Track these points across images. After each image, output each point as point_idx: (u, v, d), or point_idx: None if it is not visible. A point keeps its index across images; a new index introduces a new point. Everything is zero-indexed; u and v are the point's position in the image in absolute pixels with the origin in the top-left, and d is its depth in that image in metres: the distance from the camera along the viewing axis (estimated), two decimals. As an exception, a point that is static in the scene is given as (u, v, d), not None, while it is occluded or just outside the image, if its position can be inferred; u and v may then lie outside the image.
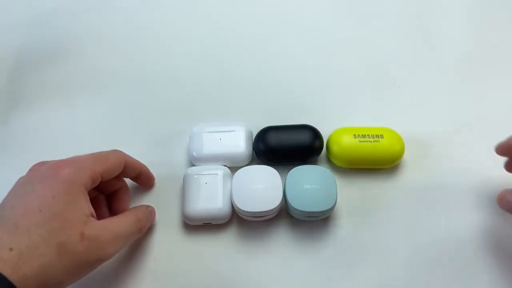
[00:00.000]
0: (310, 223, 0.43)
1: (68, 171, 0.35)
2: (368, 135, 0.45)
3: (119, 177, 0.42)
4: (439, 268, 0.42)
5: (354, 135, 0.45)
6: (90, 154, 0.39)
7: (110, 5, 0.59)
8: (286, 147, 0.45)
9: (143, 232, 0.41)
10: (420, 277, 0.41)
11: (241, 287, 0.41)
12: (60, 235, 0.32)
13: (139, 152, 0.48)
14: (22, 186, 0.35)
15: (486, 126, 0.49)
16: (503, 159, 0.47)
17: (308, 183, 0.41)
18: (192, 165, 0.46)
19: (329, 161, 0.47)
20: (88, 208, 0.35)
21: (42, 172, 0.35)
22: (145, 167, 0.44)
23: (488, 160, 0.47)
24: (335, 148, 0.45)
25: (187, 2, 0.59)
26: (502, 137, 0.48)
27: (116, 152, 0.41)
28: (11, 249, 0.30)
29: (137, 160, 0.43)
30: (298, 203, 0.41)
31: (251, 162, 0.46)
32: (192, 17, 0.57)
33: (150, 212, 0.43)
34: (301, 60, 0.54)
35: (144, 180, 0.45)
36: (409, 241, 0.43)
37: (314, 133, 0.45)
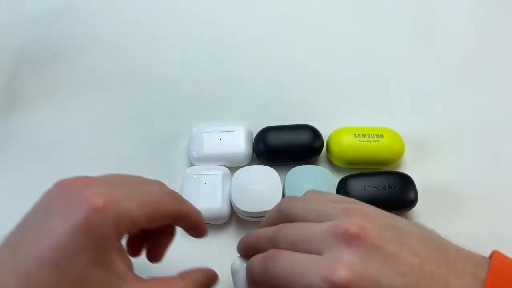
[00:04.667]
0: (310, 223, 0.43)
1: (101, 218, 0.24)
2: (368, 135, 0.45)
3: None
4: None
5: (354, 135, 0.45)
6: (139, 185, 0.29)
7: (110, 5, 0.59)
8: (286, 147, 0.45)
9: None
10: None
11: (241, 287, 0.41)
12: None
13: (139, 152, 0.48)
14: (34, 222, 0.25)
15: (486, 126, 0.49)
16: (504, 160, 0.47)
17: (308, 183, 0.41)
18: (192, 165, 0.46)
19: (329, 161, 0.47)
20: (122, 265, 0.26)
21: (64, 204, 0.25)
22: (202, 218, 0.33)
23: (489, 160, 0.47)
24: (335, 148, 0.45)
25: (187, 2, 0.59)
26: (502, 137, 0.48)
27: (173, 196, 0.31)
28: None
29: (195, 208, 0.33)
30: (298, 203, 0.41)
31: (251, 162, 0.46)
32: (192, 17, 0.57)
33: (208, 284, 0.31)
34: (301, 60, 0.54)
35: (195, 232, 0.34)
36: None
37: (314, 133, 0.45)
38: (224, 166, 0.45)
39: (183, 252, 0.43)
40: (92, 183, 0.26)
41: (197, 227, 0.33)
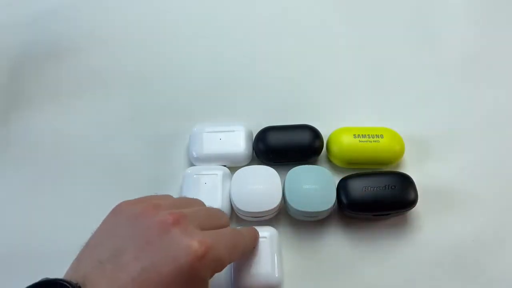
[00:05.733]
0: (309, 223, 0.43)
1: (203, 264, 0.27)
2: (368, 135, 0.45)
3: None
4: (440, 267, 0.41)
5: (354, 135, 0.45)
6: (229, 229, 0.34)
7: (110, 5, 0.59)
8: (286, 147, 0.45)
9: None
10: (420, 275, 0.41)
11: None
12: None
13: (139, 152, 0.48)
14: (130, 249, 0.28)
15: (486, 126, 0.49)
16: (504, 160, 0.47)
17: (307, 183, 0.41)
18: (192, 165, 0.46)
19: (329, 161, 0.47)
20: None
21: (168, 244, 0.27)
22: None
23: (489, 160, 0.47)
24: (335, 148, 0.45)
25: (187, 2, 0.59)
26: (502, 137, 0.48)
27: (250, 237, 0.37)
28: None
29: (257, 239, 0.39)
30: (297, 203, 0.41)
31: (251, 162, 0.46)
32: (192, 17, 0.57)
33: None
34: (301, 60, 0.54)
35: None
36: (409, 240, 0.43)
37: (314, 133, 0.45)
38: (224, 166, 0.45)
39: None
40: (187, 222, 0.29)
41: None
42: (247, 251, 0.38)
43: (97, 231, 0.30)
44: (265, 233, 0.40)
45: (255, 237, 0.38)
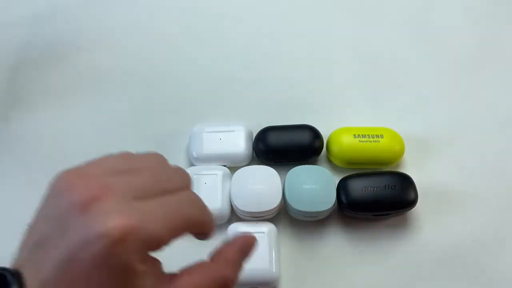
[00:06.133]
0: (309, 223, 0.43)
1: (123, 249, 0.23)
2: (368, 135, 0.45)
3: None
4: (440, 267, 0.41)
5: (354, 135, 0.45)
6: (165, 193, 0.27)
7: (110, 5, 0.58)
8: (286, 147, 0.45)
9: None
10: (420, 275, 0.41)
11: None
12: None
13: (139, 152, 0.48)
14: (48, 231, 0.24)
15: (486, 126, 0.49)
16: (504, 160, 0.47)
17: (307, 183, 0.41)
18: (192, 165, 0.46)
19: (329, 161, 0.47)
20: (147, 278, 0.24)
21: (83, 227, 0.23)
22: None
23: (489, 160, 0.47)
24: (335, 148, 0.45)
25: (187, 2, 0.59)
26: (502, 137, 0.48)
27: (198, 207, 0.29)
28: None
29: (212, 216, 0.30)
30: (297, 203, 0.41)
31: (251, 162, 0.46)
32: (192, 17, 0.57)
33: (246, 254, 0.30)
34: (301, 60, 0.54)
35: (204, 236, 0.31)
36: (409, 240, 0.43)
37: (314, 133, 0.45)
38: (224, 166, 0.45)
39: (183, 251, 0.43)
40: (113, 197, 0.24)
41: (209, 233, 0.30)
42: (202, 225, 0.29)
43: (37, 209, 0.27)
44: (263, 228, 0.41)
45: (213, 221, 0.30)
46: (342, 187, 0.42)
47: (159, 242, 0.25)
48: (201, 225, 0.28)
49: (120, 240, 0.22)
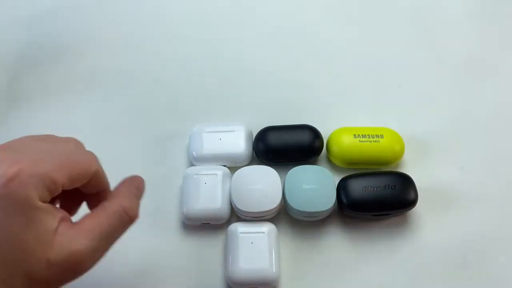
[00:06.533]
0: (309, 223, 0.43)
1: (18, 183, 0.25)
2: (368, 135, 0.45)
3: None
4: (440, 267, 0.41)
5: (354, 135, 0.45)
6: (54, 147, 0.31)
7: (110, 5, 0.58)
8: (286, 147, 0.45)
9: (134, 220, 0.31)
10: (420, 275, 0.41)
11: (241, 287, 0.41)
12: (22, 265, 0.25)
13: (139, 152, 0.48)
14: None
15: (486, 126, 0.49)
16: (504, 160, 0.47)
17: (307, 183, 0.41)
18: (192, 165, 0.46)
19: (329, 161, 0.47)
20: (51, 219, 0.27)
21: None
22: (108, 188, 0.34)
23: (488, 160, 0.47)
24: (335, 148, 0.45)
25: (187, 2, 0.59)
26: (502, 137, 0.48)
27: (90, 155, 0.32)
28: None
29: (106, 176, 0.34)
30: (297, 203, 0.41)
31: (251, 162, 0.46)
32: (192, 17, 0.57)
33: (138, 190, 0.33)
34: (301, 60, 0.54)
35: (94, 199, 0.34)
36: (409, 240, 0.43)
37: (314, 133, 0.45)
38: (224, 166, 0.45)
39: (182, 252, 0.43)
40: (3, 149, 0.28)
41: (100, 194, 0.34)
42: (99, 174, 0.32)
43: None
44: (263, 228, 0.41)
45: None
46: (342, 187, 0.42)
47: (54, 181, 0.27)
48: (87, 172, 0.30)
49: (14, 176, 0.25)
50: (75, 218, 0.30)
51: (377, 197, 0.41)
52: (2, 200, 0.25)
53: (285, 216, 0.44)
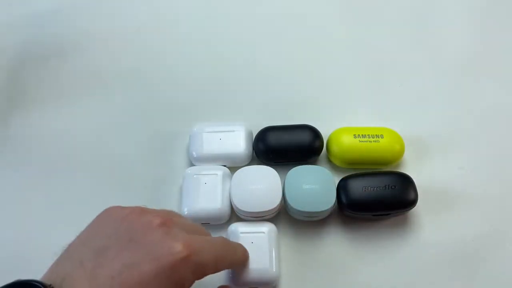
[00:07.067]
0: (309, 223, 0.43)
1: (185, 266, 0.27)
2: (368, 135, 0.45)
3: None
4: (440, 267, 0.41)
5: (354, 135, 0.45)
6: (210, 237, 0.34)
7: (110, 5, 0.59)
8: (286, 147, 0.45)
9: None
10: (420, 275, 0.41)
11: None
12: None
13: (139, 152, 0.48)
14: (114, 248, 0.27)
15: (486, 126, 0.49)
16: (504, 160, 0.47)
17: (307, 183, 0.41)
18: (192, 165, 0.46)
19: (329, 161, 0.47)
20: None
21: (152, 244, 0.27)
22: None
23: (488, 160, 0.47)
24: (335, 148, 0.45)
25: (187, 2, 0.59)
26: (502, 137, 0.48)
27: (235, 249, 0.36)
28: None
29: (245, 254, 0.38)
30: (297, 203, 0.41)
31: (251, 162, 0.46)
32: (192, 17, 0.57)
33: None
34: (301, 60, 0.54)
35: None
36: (409, 240, 0.43)
37: (314, 133, 0.45)
38: (224, 166, 0.45)
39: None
40: (174, 225, 0.29)
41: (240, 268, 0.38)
42: (235, 265, 0.37)
43: (82, 233, 0.30)
44: (263, 228, 0.41)
45: (245, 252, 0.38)
46: (342, 187, 0.42)
47: (206, 270, 0.29)
48: (238, 266, 0.36)
49: (184, 258, 0.27)
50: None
51: (377, 197, 0.41)
52: (165, 277, 0.26)
53: (285, 216, 0.44)
